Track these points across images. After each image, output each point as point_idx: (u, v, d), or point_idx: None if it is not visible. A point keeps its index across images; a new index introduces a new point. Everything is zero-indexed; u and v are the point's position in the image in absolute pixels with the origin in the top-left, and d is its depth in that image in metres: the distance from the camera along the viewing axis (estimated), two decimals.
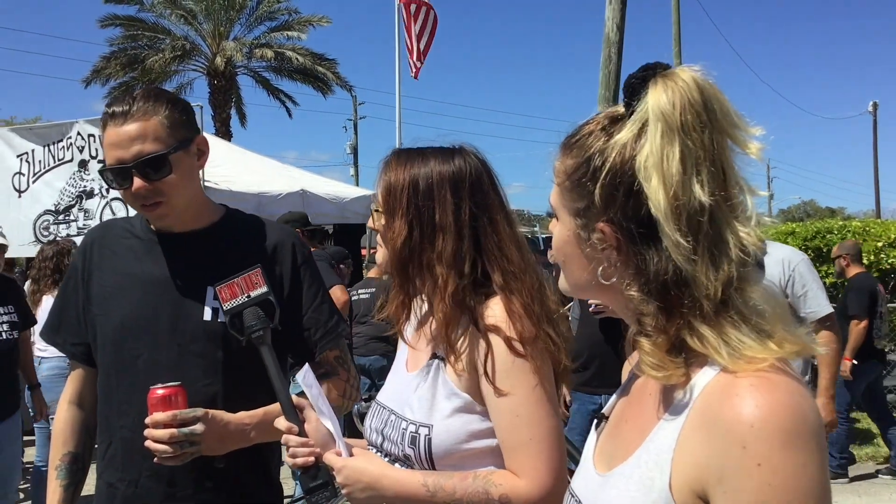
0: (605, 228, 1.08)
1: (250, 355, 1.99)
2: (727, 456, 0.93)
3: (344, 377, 2.15)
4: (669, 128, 1.01)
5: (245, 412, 1.96)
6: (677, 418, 1.02)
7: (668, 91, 1.02)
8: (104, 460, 2.07)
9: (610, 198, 1.07)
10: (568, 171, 1.14)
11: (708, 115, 1.02)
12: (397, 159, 1.73)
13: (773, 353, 0.98)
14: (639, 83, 1.06)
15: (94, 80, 24.21)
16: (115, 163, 1.94)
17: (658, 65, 1.06)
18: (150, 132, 1.93)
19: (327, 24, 25.55)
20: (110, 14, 23.66)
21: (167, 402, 1.83)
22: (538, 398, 1.58)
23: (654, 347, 1.04)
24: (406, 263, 1.69)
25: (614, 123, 1.11)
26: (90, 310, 2.10)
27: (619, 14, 9.06)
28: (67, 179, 8.41)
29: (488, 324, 1.61)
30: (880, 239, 8.87)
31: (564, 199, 1.16)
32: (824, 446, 0.94)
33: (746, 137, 1.04)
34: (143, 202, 1.97)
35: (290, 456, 1.75)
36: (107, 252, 2.13)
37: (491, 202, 1.70)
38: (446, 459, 1.62)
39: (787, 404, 0.93)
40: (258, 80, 26.12)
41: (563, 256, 1.19)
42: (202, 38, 24.91)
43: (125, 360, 2.02)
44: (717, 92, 1.03)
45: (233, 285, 1.89)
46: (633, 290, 1.07)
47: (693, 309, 1.01)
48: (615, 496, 1.07)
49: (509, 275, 1.65)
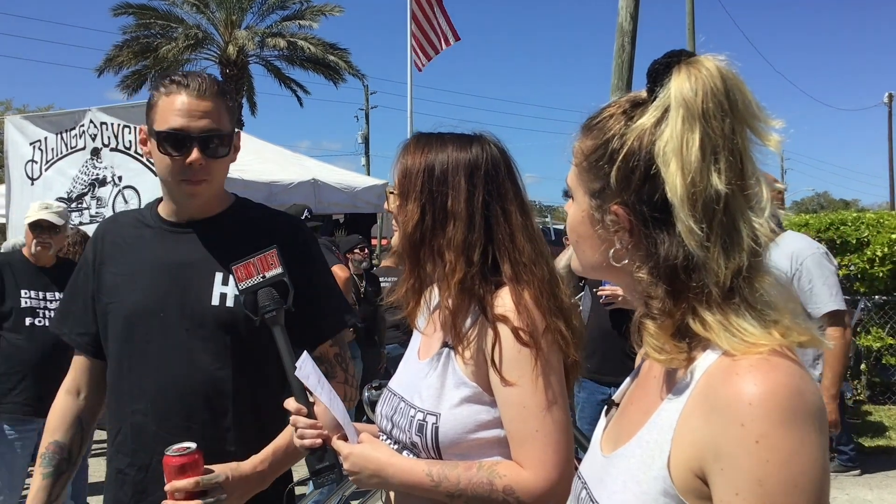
0: (618, 210, 1.09)
1: (257, 340, 2.02)
2: (726, 434, 0.94)
3: (342, 378, 2.16)
4: (691, 114, 1.01)
5: (256, 456, 1.96)
6: (679, 399, 1.03)
7: (691, 78, 1.03)
8: (114, 446, 2.08)
9: (625, 180, 1.08)
10: (586, 152, 1.15)
11: (729, 105, 1.02)
12: (416, 143, 1.74)
13: (775, 341, 0.99)
14: (662, 69, 1.07)
15: (107, 69, 24.36)
16: (180, 128, 1.96)
17: (683, 52, 1.07)
18: (219, 113, 2.01)
19: (339, 13, 25.57)
20: (123, 3, 23.77)
21: (185, 471, 1.79)
22: (545, 390, 1.57)
23: (658, 330, 1.05)
24: (417, 247, 1.69)
25: (636, 108, 1.11)
26: (101, 299, 2.11)
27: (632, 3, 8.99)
28: (80, 167, 8.44)
29: (497, 313, 1.60)
30: (894, 231, 8.80)
31: (581, 180, 1.17)
32: (824, 428, 0.95)
33: (766, 129, 1.05)
34: (190, 176, 1.99)
35: (298, 437, 1.76)
36: (118, 242, 2.15)
37: (505, 192, 1.70)
38: (453, 448, 1.62)
39: (785, 384, 0.94)
40: (270, 69, 26.20)
41: (576, 236, 1.20)
42: (214, 27, 24.96)
43: (136, 346, 2.04)
44: (739, 82, 1.04)
45: (248, 265, 1.92)
46: (642, 273, 1.08)
47: (699, 295, 1.02)
48: (616, 475, 1.09)
49: (520, 265, 1.64)
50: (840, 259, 8.75)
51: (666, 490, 1.00)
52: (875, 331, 8.77)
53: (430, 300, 1.82)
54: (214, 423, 2.00)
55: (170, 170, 2.00)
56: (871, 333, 8.76)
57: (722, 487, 0.94)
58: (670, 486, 1.00)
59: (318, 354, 2.11)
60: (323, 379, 1.76)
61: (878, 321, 8.84)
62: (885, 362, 8.73)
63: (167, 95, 1.99)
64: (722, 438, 0.94)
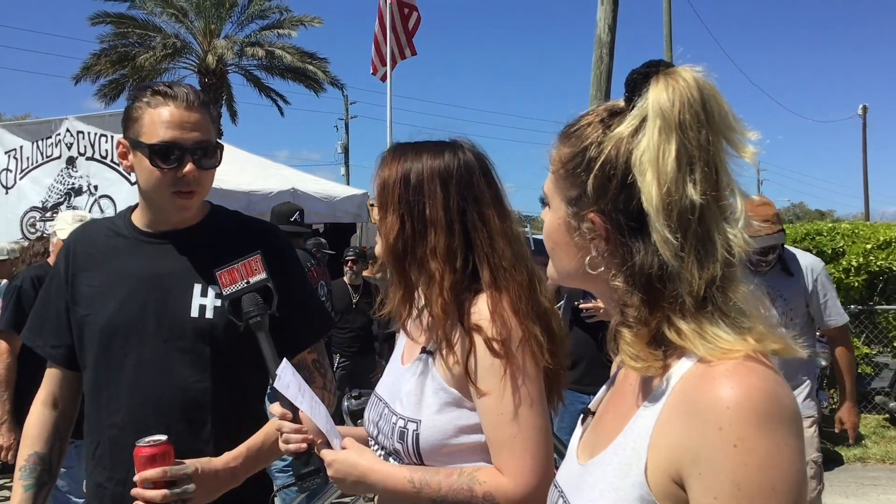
0: (595, 218, 1.10)
1: (237, 352, 2.01)
2: (703, 438, 0.94)
3: (320, 384, 2.16)
4: (668, 125, 1.01)
5: (229, 453, 1.95)
6: (655, 405, 1.03)
7: (668, 88, 1.03)
8: (93, 460, 2.05)
9: (602, 188, 1.08)
10: (563, 160, 1.15)
11: (706, 116, 1.03)
12: (392, 154, 1.75)
13: (750, 346, 0.99)
14: (640, 78, 1.07)
15: (84, 78, 24.16)
16: (173, 141, 1.94)
17: (661, 62, 1.08)
18: (208, 125, 2.01)
19: (319, 24, 25.53)
20: (101, 11, 23.63)
21: (154, 461, 1.78)
22: (522, 397, 1.57)
23: (634, 338, 1.05)
24: (401, 257, 1.70)
25: (613, 116, 1.11)
26: (76, 311, 2.08)
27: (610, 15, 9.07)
28: (55, 176, 8.37)
29: (472, 322, 1.61)
30: (869, 241, 8.90)
31: (558, 187, 1.17)
32: (800, 432, 0.95)
33: (742, 141, 1.05)
34: (183, 187, 1.97)
35: (283, 441, 1.76)
36: (91, 252, 2.11)
37: (480, 196, 1.69)
38: (434, 455, 1.62)
39: (762, 388, 0.95)
40: (249, 79, 26.12)
41: (552, 243, 1.20)
42: (193, 36, 24.84)
43: (113, 358, 2.01)
44: (716, 93, 1.04)
45: (233, 271, 1.91)
46: (618, 281, 1.08)
47: (674, 304, 1.03)
48: (593, 483, 1.09)
49: (498, 270, 1.64)
50: None
51: (643, 496, 1.00)
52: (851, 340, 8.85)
53: (417, 307, 1.81)
54: (193, 436, 1.98)
55: (160, 182, 1.97)
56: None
57: (700, 491, 0.94)
58: (647, 492, 1.00)
59: (297, 361, 2.10)
60: (304, 387, 1.75)
61: (853, 330, 8.93)
62: (861, 371, 8.82)
63: (154, 108, 1.95)
64: (700, 442, 0.94)
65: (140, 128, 1.96)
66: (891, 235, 9.01)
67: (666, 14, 20.69)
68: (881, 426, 8.41)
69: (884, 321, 8.72)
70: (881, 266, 8.73)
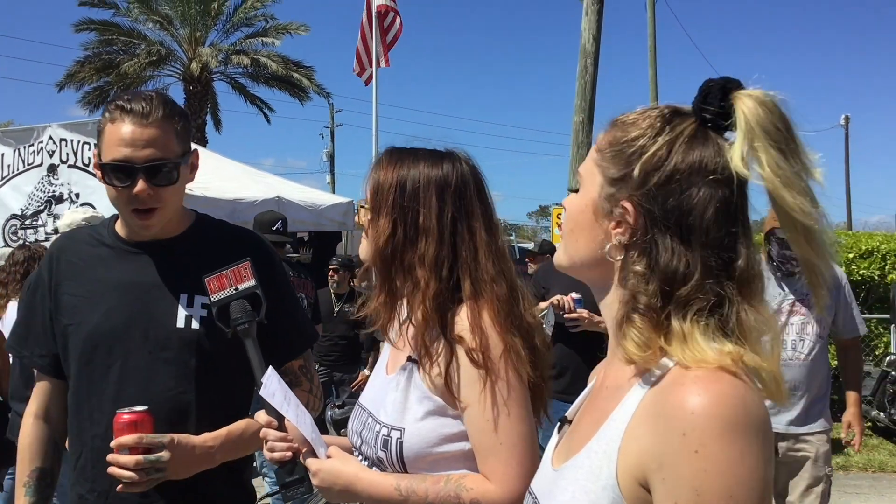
0: (627, 205, 1.09)
1: (222, 362, 2.00)
2: (668, 443, 0.95)
3: (307, 388, 2.15)
4: (777, 145, 1.03)
5: (208, 433, 1.95)
6: (627, 410, 1.04)
7: (763, 108, 1.04)
8: (76, 471, 2.03)
9: (646, 177, 1.08)
10: (614, 142, 1.14)
11: (790, 136, 1.05)
12: (388, 158, 1.74)
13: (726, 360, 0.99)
14: (718, 90, 1.08)
15: (68, 85, 23.99)
16: (124, 160, 1.90)
17: (735, 81, 1.09)
18: (165, 140, 1.92)
19: (305, 32, 25.52)
20: (85, 18, 23.48)
21: (133, 427, 1.80)
22: (507, 406, 1.57)
23: (645, 323, 1.05)
24: (388, 262, 1.70)
25: (677, 116, 1.12)
26: (60, 320, 2.06)
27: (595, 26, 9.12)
28: (36, 184, 8.31)
29: (455, 333, 1.61)
30: (851, 250, 8.98)
31: (600, 166, 1.16)
32: (768, 441, 0.96)
33: (812, 163, 1.06)
34: (139, 205, 1.93)
35: (268, 450, 1.75)
36: (75, 261, 2.09)
37: (472, 210, 1.70)
38: (417, 463, 1.62)
39: (729, 395, 0.95)
40: (235, 87, 26.02)
41: (573, 225, 1.19)
42: (178, 44, 24.76)
43: (97, 369, 1.99)
44: (789, 116, 1.06)
45: (221, 277, 1.90)
46: (639, 266, 1.07)
47: (682, 303, 1.03)
48: (565, 486, 1.09)
49: (480, 283, 1.65)
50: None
51: (614, 500, 1.01)
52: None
53: (400, 314, 1.81)
54: None
55: (118, 201, 1.96)
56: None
57: (662, 496, 0.95)
58: (618, 495, 1.00)
59: (283, 367, 2.09)
60: (290, 395, 1.74)
61: None
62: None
63: (112, 122, 1.92)
64: (664, 447, 0.95)
65: (101, 144, 1.95)
66: (872, 245, 9.10)
67: (650, 24, 20.86)
68: (864, 434, 8.46)
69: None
70: (863, 275, 8.81)
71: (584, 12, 9.13)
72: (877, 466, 7.34)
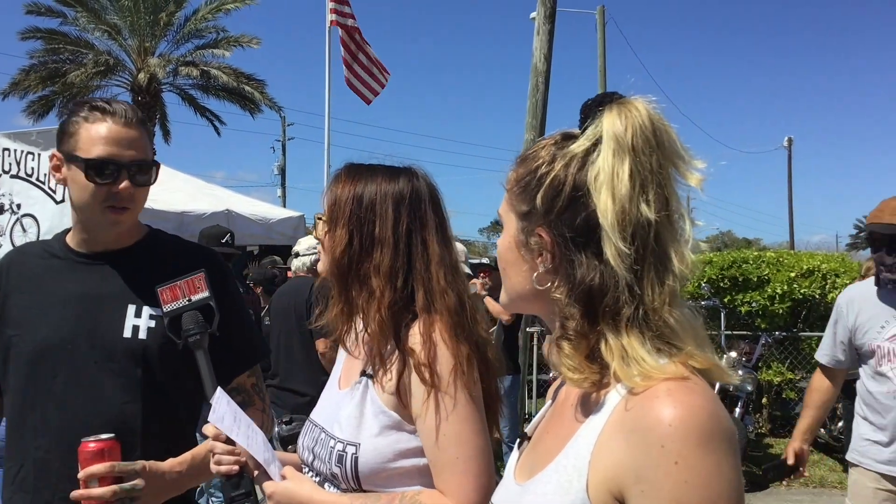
0: (542, 232, 1.13)
1: (170, 373, 1.99)
2: (646, 455, 0.96)
3: (260, 406, 2.14)
4: (621, 147, 1.07)
5: (173, 459, 1.93)
6: (595, 424, 1.05)
7: (622, 116, 1.08)
8: (13, 485, 1.98)
9: (551, 203, 1.13)
10: (517, 179, 1.20)
11: (656, 142, 1.08)
12: (347, 172, 1.78)
13: (672, 372, 1.02)
14: (594, 106, 1.13)
15: (12, 93, 23.37)
16: (110, 157, 1.94)
17: (615, 94, 1.14)
18: (144, 143, 2.01)
19: (256, 45, 25.27)
20: (31, 26, 22.94)
21: (101, 456, 1.74)
22: (461, 419, 1.58)
23: (573, 350, 1.08)
24: (345, 272, 1.71)
25: (567, 140, 1.16)
26: (5, 332, 2.03)
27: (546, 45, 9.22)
28: None
29: (408, 346, 1.62)
30: (793, 269, 9.20)
31: (511, 205, 1.21)
32: (737, 451, 0.99)
33: (689, 168, 1.11)
34: (116, 203, 1.96)
35: (214, 462, 1.73)
36: (25, 273, 2.08)
37: (427, 222, 1.73)
38: (372, 478, 1.62)
39: (704, 406, 0.98)
40: (184, 98, 25.66)
41: (504, 264, 1.23)
42: (126, 54, 24.34)
43: (42, 379, 1.96)
44: (665, 123, 1.10)
45: (175, 288, 1.90)
46: (559, 293, 1.11)
47: (611, 319, 1.06)
48: (533, 500, 1.10)
49: (432, 294, 1.67)
50: (742, 296, 9.10)
51: None
52: (776, 366, 9.12)
53: (357, 326, 1.81)
54: (123, 458, 1.92)
55: (94, 197, 1.96)
56: (771, 368, 9.11)
57: None
58: None
59: (236, 385, 2.08)
60: (240, 416, 1.72)
61: (778, 356, 9.20)
62: (786, 396, 9.08)
63: (91, 123, 1.96)
64: (642, 460, 0.96)
65: (76, 142, 1.96)
66: (813, 264, 9.34)
67: (601, 45, 21.22)
68: None
69: (807, 347, 9.00)
70: (804, 294, 9.03)
71: (536, 32, 9.23)
72: (817, 482, 7.50)
